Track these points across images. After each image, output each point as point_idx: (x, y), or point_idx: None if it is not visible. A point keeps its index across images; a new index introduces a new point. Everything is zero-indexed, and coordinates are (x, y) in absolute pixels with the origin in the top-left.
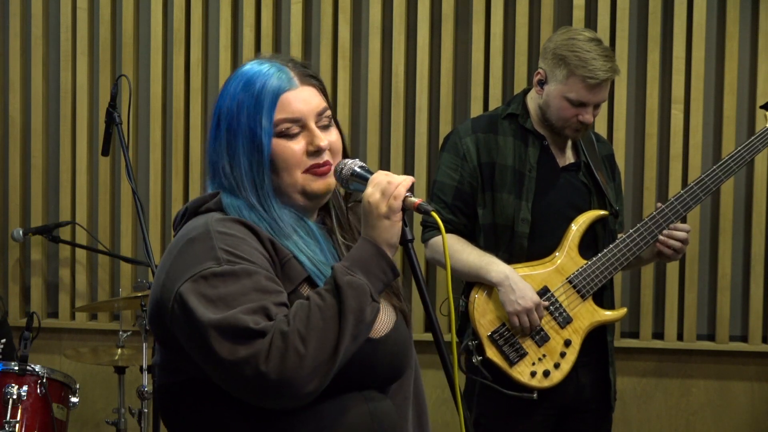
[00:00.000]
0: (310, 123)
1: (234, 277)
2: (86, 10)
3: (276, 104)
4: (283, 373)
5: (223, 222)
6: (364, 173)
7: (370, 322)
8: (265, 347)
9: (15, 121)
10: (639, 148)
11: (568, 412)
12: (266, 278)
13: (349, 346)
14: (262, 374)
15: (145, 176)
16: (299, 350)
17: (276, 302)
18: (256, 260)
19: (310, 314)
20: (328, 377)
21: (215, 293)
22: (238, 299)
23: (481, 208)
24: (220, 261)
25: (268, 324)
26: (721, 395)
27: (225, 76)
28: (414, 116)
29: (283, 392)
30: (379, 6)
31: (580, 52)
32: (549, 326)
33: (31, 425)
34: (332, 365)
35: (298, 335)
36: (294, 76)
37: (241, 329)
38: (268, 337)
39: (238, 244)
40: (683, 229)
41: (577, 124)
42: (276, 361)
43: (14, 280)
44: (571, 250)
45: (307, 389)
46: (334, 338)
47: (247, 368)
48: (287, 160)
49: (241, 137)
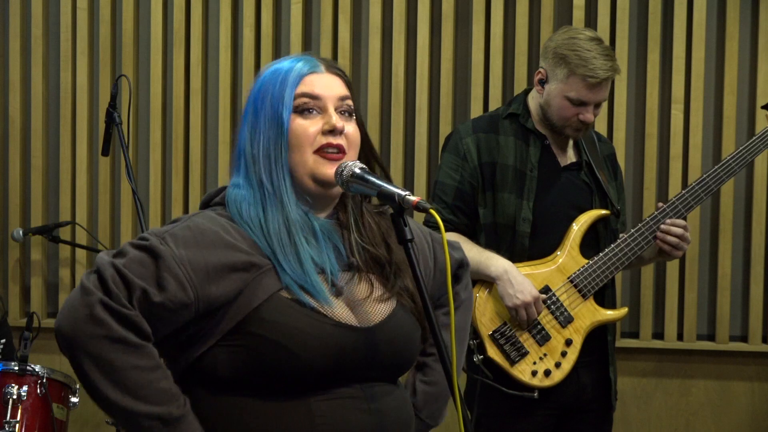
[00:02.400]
0: (329, 106)
1: (146, 251)
2: (86, 10)
3: (299, 82)
4: (70, 327)
5: (207, 218)
6: (364, 174)
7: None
8: (89, 301)
9: (15, 121)
10: (639, 148)
11: (568, 411)
12: (166, 274)
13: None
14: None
15: (145, 176)
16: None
17: (140, 293)
18: (187, 261)
19: (125, 360)
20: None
21: (124, 248)
22: (130, 264)
23: (482, 208)
24: (158, 236)
25: (119, 297)
26: (721, 395)
27: (225, 76)
28: (414, 116)
29: (57, 338)
30: (379, 6)
31: (581, 51)
32: (550, 325)
33: (31, 425)
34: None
35: (99, 343)
36: (320, 63)
37: (101, 275)
38: (98, 300)
39: (189, 240)
40: (679, 225)
41: (578, 123)
42: (74, 323)
43: (14, 280)
44: (573, 250)
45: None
46: (100, 383)
47: (77, 299)
48: (300, 137)
49: (263, 115)
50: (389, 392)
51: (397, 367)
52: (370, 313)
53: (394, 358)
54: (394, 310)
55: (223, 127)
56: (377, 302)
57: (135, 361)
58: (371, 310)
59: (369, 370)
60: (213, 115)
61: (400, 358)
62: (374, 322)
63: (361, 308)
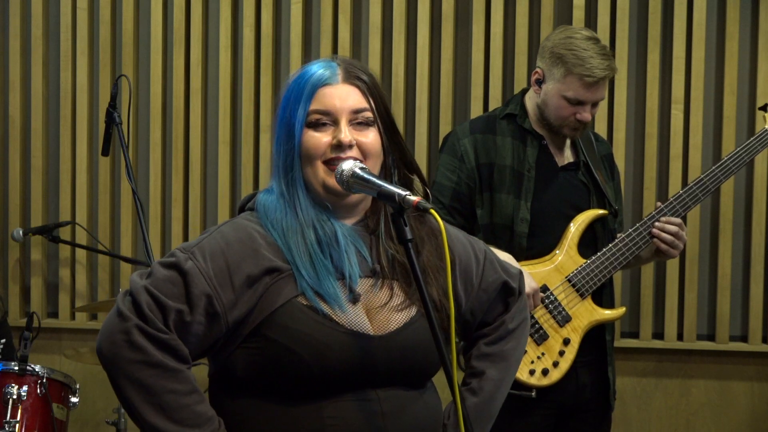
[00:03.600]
0: (341, 119)
1: (173, 269)
2: (86, 10)
3: (313, 96)
4: (110, 352)
5: (236, 227)
6: (364, 174)
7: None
8: (126, 327)
9: (15, 121)
10: (639, 148)
11: (567, 411)
12: (195, 290)
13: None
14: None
15: (145, 176)
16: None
17: (175, 315)
18: (213, 275)
19: (162, 385)
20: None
21: (154, 268)
22: (161, 285)
23: (479, 208)
24: (186, 251)
25: (155, 321)
26: (721, 395)
27: (225, 76)
28: (414, 116)
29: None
30: (379, 6)
31: (578, 50)
32: (548, 325)
33: (31, 425)
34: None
35: (139, 366)
36: (339, 72)
37: (135, 300)
38: (134, 325)
39: (216, 253)
40: (674, 223)
41: (575, 122)
42: (112, 347)
43: (14, 280)
44: (571, 249)
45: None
46: (140, 404)
47: (115, 324)
48: (309, 150)
49: (281, 126)
50: (411, 398)
51: (416, 373)
52: (388, 321)
53: (410, 365)
54: (413, 318)
55: (223, 127)
56: (396, 310)
57: (172, 385)
58: (389, 318)
59: (382, 376)
60: (213, 115)
61: (417, 364)
62: (390, 330)
63: (379, 315)
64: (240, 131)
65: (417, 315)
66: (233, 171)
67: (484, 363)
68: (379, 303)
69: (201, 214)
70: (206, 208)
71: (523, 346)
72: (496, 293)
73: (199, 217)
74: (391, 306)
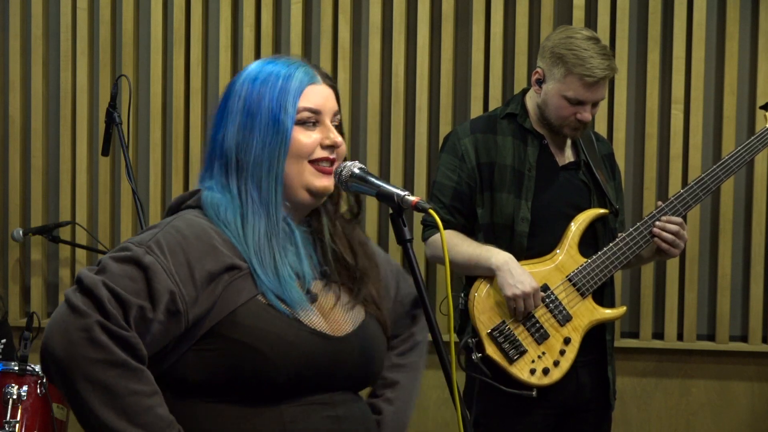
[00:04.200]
0: (326, 119)
1: (132, 263)
2: (86, 10)
3: (301, 93)
4: (66, 351)
5: (189, 222)
6: (363, 174)
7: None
8: (85, 324)
9: (15, 121)
10: (639, 148)
11: (568, 411)
12: (158, 285)
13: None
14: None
15: (145, 176)
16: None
17: (136, 312)
18: (175, 271)
19: (125, 386)
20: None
21: (106, 263)
22: (119, 280)
23: (480, 208)
24: (142, 245)
25: (117, 318)
26: (721, 395)
27: (225, 76)
28: (414, 116)
29: (45, 363)
30: (379, 6)
31: (578, 50)
32: (548, 324)
33: (31, 425)
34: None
35: (102, 366)
36: (316, 73)
37: (94, 295)
38: (95, 322)
39: (175, 248)
40: (675, 222)
41: (576, 122)
42: (70, 346)
43: (14, 280)
44: (571, 249)
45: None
46: (98, 409)
47: (70, 321)
48: (301, 148)
49: (259, 121)
50: (353, 401)
51: (365, 376)
52: (341, 322)
53: (363, 368)
54: (365, 320)
55: None
56: (347, 310)
57: (135, 386)
58: (341, 319)
59: (339, 380)
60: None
61: (369, 368)
62: (346, 332)
63: (332, 315)
64: None
65: (367, 317)
66: None
67: (397, 373)
68: (330, 304)
69: None
70: None
71: (425, 358)
72: (409, 306)
73: None
74: (340, 306)
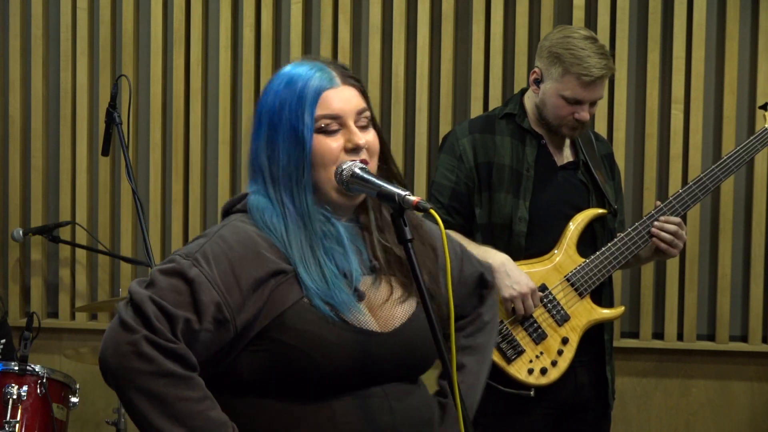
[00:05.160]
0: (349, 121)
1: (177, 277)
2: (86, 10)
3: (317, 101)
4: (118, 364)
5: (234, 230)
6: (364, 174)
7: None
8: (133, 339)
9: (15, 121)
10: (639, 148)
11: (566, 411)
12: (204, 297)
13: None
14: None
15: (145, 176)
16: (141, 373)
17: (183, 325)
18: (220, 281)
19: (175, 394)
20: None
21: (155, 277)
22: (166, 294)
23: (478, 208)
24: (189, 257)
25: (164, 332)
26: (721, 395)
27: (225, 76)
28: (414, 116)
29: (102, 374)
30: (379, 6)
31: (575, 50)
32: (546, 324)
33: (31, 425)
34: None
35: (153, 378)
36: (336, 75)
37: (141, 311)
38: (142, 337)
39: (221, 258)
40: (673, 222)
41: (574, 122)
42: (120, 359)
43: (14, 280)
44: (570, 249)
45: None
46: (155, 413)
47: (120, 336)
48: (324, 156)
49: (281, 133)
50: (410, 392)
51: (417, 368)
52: (391, 317)
53: (414, 360)
54: (415, 312)
55: (223, 127)
56: (397, 304)
57: (184, 393)
58: (392, 314)
59: (390, 372)
60: (213, 115)
61: (419, 359)
62: (395, 326)
63: (382, 312)
64: (240, 131)
65: (418, 308)
66: (233, 171)
67: (463, 355)
68: (381, 299)
69: (201, 214)
70: (206, 208)
71: (495, 338)
72: (474, 285)
73: (199, 217)
74: (392, 301)
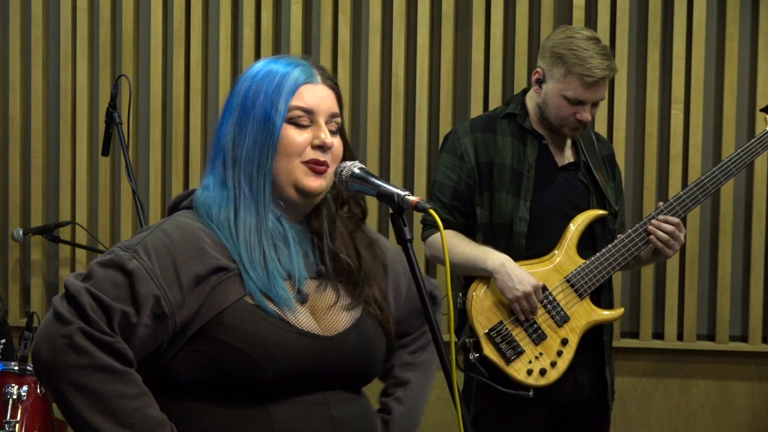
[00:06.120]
0: (321, 119)
1: (116, 269)
2: (86, 10)
3: (295, 92)
4: (51, 357)
5: (178, 224)
6: (364, 174)
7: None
8: (68, 331)
9: (15, 121)
10: (639, 148)
11: (566, 411)
12: (142, 290)
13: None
14: (45, 345)
15: (145, 176)
16: (76, 367)
17: (120, 317)
18: (160, 275)
19: (111, 389)
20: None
21: (92, 269)
22: (103, 286)
23: (479, 207)
24: (129, 249)
25: (99, 324)
26: (721, 395)
27: (225, 76)
28: (414, 116)
29: (35, 369)
30: (379, 6)
31: (578, 50)
32: (546, 324)
33: (31, 425)
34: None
35: (86, 371)
36: (317, 74)
37: (77, 302)
38: (77, 329)
39: (162, 251)
40: (671, 222)
41: (575, 122)
42: (54, 353)
43: (14, 280)
44: (570, 249)
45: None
46: (89, 411)
47: (54, 328)
48: (289, 147)
49: (252, 117)
50: (351, 401)
51: (359, 377)
52: (335, 322)
53: (356, 368)
54: (359, 319)
55: None
56: (342, 311)
57: (120, 388)
58: (336, 319)
59: (331, 379)
60: (213, 115)
61: (362, 367)
62: (338, 331)
63: (325, 317)
64: None
65: (363, 315)
66: None
67: (408, 372)
68: (326, 304)
69: None
70: None
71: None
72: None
73: None
74: (337, 307)
